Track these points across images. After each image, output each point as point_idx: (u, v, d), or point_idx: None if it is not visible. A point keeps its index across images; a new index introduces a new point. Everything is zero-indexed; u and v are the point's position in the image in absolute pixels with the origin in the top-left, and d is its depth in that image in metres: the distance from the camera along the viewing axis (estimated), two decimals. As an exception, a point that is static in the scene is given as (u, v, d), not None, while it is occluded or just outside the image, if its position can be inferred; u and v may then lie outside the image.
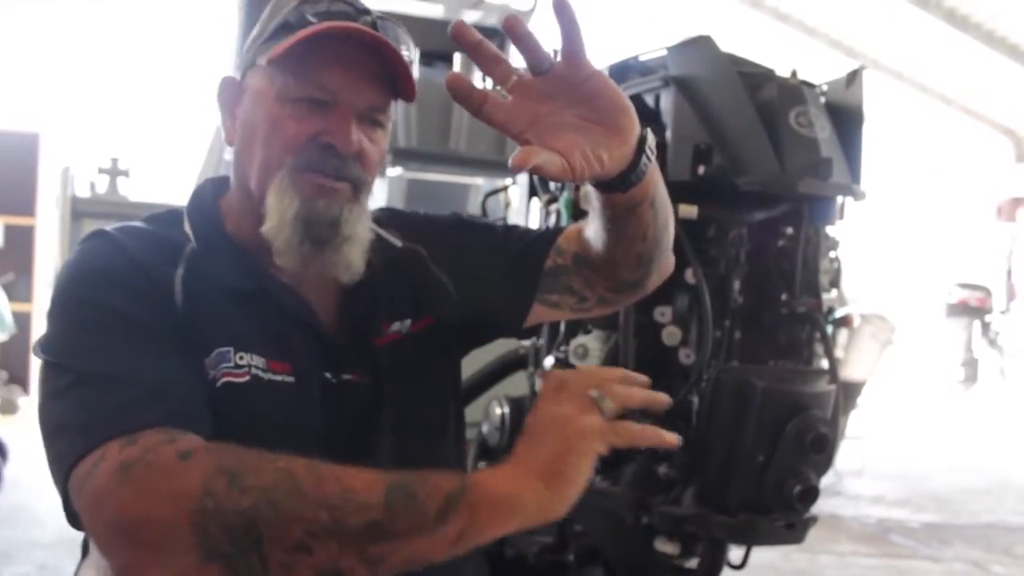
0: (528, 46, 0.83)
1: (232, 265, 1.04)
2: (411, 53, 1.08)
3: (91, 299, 0.94)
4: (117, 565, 0.80)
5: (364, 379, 1.08)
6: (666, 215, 1.09)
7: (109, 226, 1.04)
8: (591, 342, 1.96)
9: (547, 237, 1.21)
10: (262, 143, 1.03)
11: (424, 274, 1.15)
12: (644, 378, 0.93)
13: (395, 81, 1.05)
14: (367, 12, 1.05)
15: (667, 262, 1.18)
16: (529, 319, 1.21)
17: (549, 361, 2.10)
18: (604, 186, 0.97)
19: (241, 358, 0.99)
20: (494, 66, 0.85)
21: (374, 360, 1.09)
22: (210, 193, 1.11)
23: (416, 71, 1.11)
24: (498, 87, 0.88)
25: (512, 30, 0.82)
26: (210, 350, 0.98)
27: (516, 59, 0.91)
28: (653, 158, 0.96)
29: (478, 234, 1.24)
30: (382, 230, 1.17)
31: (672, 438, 0.90)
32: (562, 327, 2.04)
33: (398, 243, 1.16)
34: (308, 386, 1.03)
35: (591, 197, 1.03)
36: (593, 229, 1.10)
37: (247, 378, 0.98)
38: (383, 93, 1.05)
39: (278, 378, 1.01)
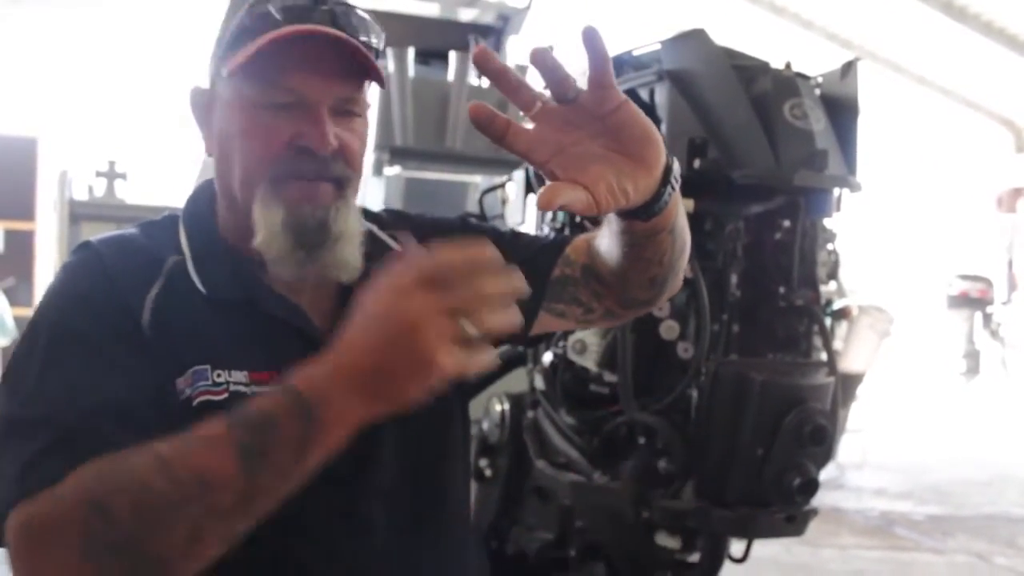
0: (554, 76, 0.81)
1: (223, 274, 1.03)
2: (376, 39, 1.04)
3: (53, 322, 0.95)
4: None
5: None
6: (684, 240, 1.06)
7: (100, 235, 1.05)
8: (589, 337, 1.96)
9: (555, 246, 1.18)
10: (240, 155, 1.01)
11: None
12: (520, 286, 0.80)
13: (361, 68, 1.02)
14: (323, 1, 1.01)
15: (678, 281, 1.16)
16: (535, 328, 1.18)
17: (548, 357, 2.10)
18: (625, 213, 0.95)
19: (219, 375, 0.98)
20: (516, 93, 0.83)
21: None
22: (206, 197, 1.10)
23: (386, 57, 1.08)
24: (521, 114, 0.86)
25: (538, 62, 0.79)
26: (185, 368, 0.97)
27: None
28: (677, 187, 0.94)
29: (484, 239, 1.22)
30: (382, 232, 1.15)
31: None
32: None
33: (396, 246, 1.14)
34: None
35: (610, 220, 1.01)
36: (607, 246, 1.07)
37: (225, 395, 0.97)
38: (351, 82, 1.02)
39: (262, 390, 0.96)
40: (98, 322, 0.94)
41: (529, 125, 0.88)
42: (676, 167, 0.92)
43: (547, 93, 0.85)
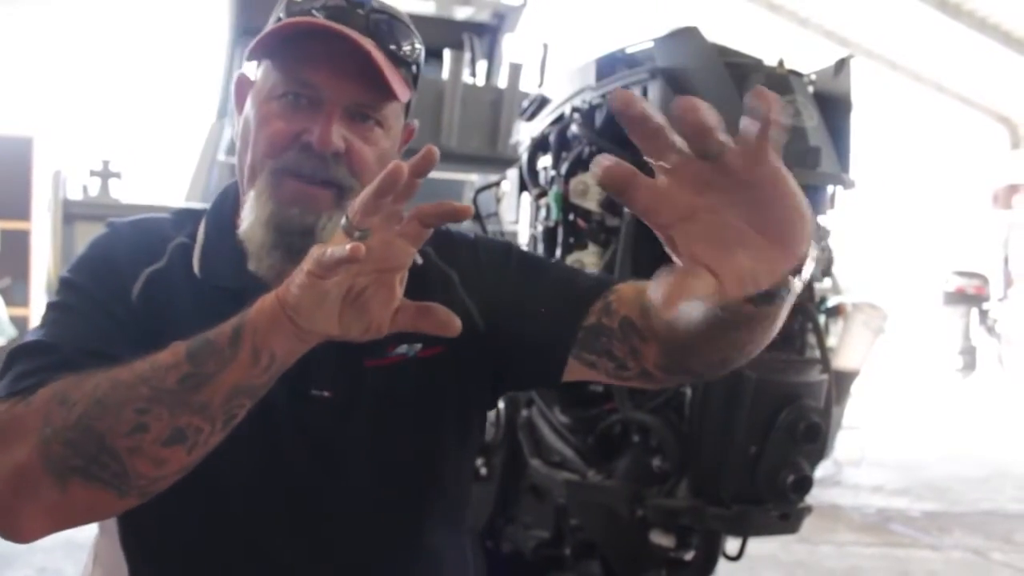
0: (697, 126, 0.64)
1: (224, 264, 1.01)
2: (411, 48, 1.03)
3: (66, 280, 1.02)
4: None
5: (337, 397, 1.02)
6: (776, 331, 0.88)
7: (130, 217, 1.10)
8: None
9: (595, 290, 1.07)
10: (252, 141, 1.01)
11: (450, 299, 1.04)
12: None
13: (380, 79, 0.99)
14: (361, 6, 1.00)
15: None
16: (566, 375, 1.08)
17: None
18: None
19: None
20: (653, 140, 0.66)
21: (358, 380, 1.03)
22: (234, 189, 1.10)
23: (420, 66, 1.05)
24: (651, 161, 0.69)
25: (685, 109, 0.63)
26: (167, 343, 0.94)
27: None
28: (808, 274, 0.76)
29: (523, 272, 1.13)
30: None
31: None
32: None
33: (418, 259, 1.04)
34: (275, 389, 0.95)
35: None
36: (678, 312, 0.86)
37: None
38: (372, 90, 0.99)
39: None
40: (98, 284, 0.99)
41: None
42: (813, 252, 0.75)
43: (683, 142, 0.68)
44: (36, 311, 7.13)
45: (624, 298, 1.04)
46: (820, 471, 1.79)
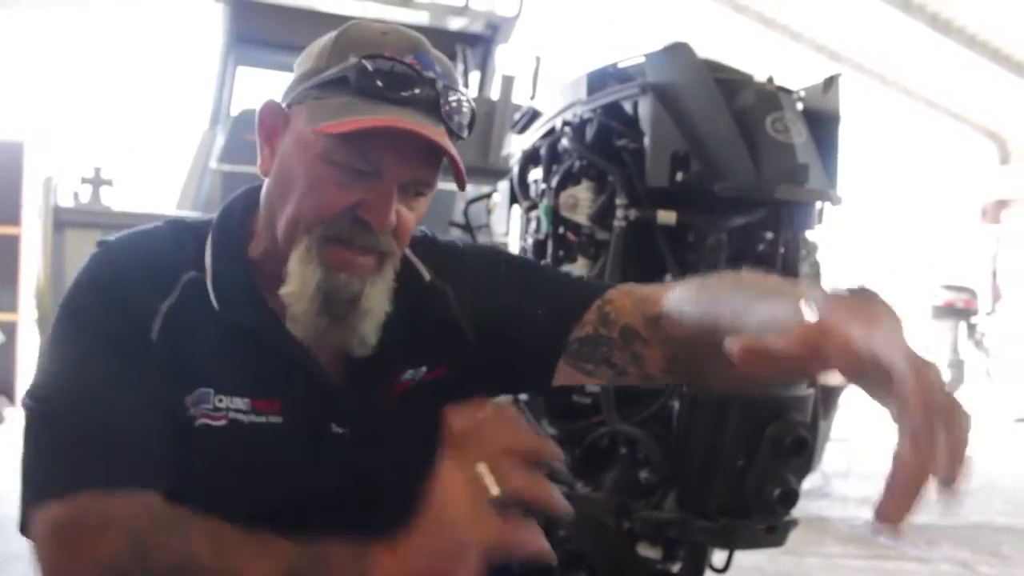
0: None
1: (236, 295, 1.00)
2: (465, 116, 1.03)
3: (75, 310, 0.97)
4: None
5: (355, 433, 1.03)
6: None
7: (123, 232, 1.04)
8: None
9: (587, 298, 1.08)
10: (296, 198, 0.98)
11: (445, 316, 1.07)
12: (554, 451, 0.81)
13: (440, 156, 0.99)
14: (432, 82, 0.98)
15: None
16: (558, 379, 1.10)
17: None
18: None
19: (220, 401, 0.96)
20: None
21: (373, 413, 1.04)
22: (239, 209, 1.07)
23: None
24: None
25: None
26: (194, 386, 0.96)
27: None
28: None
29: (513, 279, 1.14)
30: (416, 258, 1.11)
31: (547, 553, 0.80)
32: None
33: (427, 275, 1.10)
34: (295, 429, 0.99)
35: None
36: (702, 337, 0.94)
37: (224, 422, 0.96)
38: (431, 166, 1.00)
39: (262, 419, 0.97)
40: (112, 317, 0.95)
41: None
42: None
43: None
44: (24, 317, 7.10)
45: (622, 308, 1.05)
46: (808, 483, 1.80)
